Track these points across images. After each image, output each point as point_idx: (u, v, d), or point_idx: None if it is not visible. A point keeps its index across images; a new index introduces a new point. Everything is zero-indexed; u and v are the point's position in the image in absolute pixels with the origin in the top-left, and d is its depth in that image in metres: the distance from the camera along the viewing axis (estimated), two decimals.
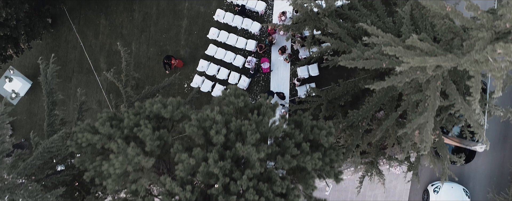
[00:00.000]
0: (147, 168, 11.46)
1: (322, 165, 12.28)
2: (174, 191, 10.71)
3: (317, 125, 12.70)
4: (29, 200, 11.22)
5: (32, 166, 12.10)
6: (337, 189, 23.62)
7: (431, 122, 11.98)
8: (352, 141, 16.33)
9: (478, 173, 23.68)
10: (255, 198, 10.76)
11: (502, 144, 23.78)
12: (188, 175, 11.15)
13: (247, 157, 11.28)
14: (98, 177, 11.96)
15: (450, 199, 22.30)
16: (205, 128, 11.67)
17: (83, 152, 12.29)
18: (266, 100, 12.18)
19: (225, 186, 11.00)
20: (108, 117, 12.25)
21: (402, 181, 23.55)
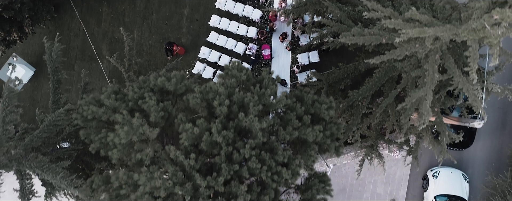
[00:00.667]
0: (152, 139, 11.68)
1: (322, 138, 12.51)
2: (178, 160, 10.93)
3: (318, 100, 12.93)
4: (36, 170, 11.43)
5: (38, 139, 12.32)
6: (337, 175, 23.85)
7: (430, 95, 12.21)
8: (353, 121, 16.55)
9: (476, 159, 23.92)
10: (257, 166, 10.98)
11: (500, 130, 24.03)
12: (192, 144, 11.37)
13: (249, 127, 11.49)
14: (103, 148, 12.18)
15: (449, 183, 22.51)
16: (208, 100, 11.89)
17: (88, 125, 12.50)
18: (268, 74, 12.40)
19: (228, 155, 11.22)
20: (113, 90, 12.49)
21: (402, 167, 23.79)
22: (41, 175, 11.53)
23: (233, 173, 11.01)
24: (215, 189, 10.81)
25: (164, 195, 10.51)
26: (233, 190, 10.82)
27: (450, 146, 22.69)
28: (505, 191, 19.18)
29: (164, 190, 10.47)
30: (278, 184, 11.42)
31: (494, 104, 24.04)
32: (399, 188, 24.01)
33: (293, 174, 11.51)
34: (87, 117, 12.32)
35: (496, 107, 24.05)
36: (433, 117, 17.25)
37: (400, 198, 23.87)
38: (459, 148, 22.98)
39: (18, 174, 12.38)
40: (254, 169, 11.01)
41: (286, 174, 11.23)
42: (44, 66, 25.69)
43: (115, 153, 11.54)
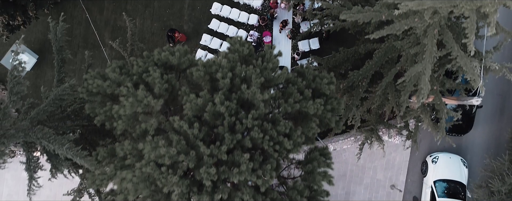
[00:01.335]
0: (156, 111, 11.91)
1: (323, 112, 12.74)
2: (182, 130, 11.15)
3: (319, 75, 13.17)
4: (42, 141, 11.65)
5: (44, 112, 12.54)
6: (338, 161, 24.05)
7: (429, 69, 12.45)
8: (353, 101, 16.79)
9: (475, 145, 24.17)
10: (259, 136, 11.21)
11: (499, 116, 24.29)
12: (195, 116, 11.60)
13: (251, 100, 11.73)
14: (108, 121, 12.40)
15: (448, 169, 22.75)
16: (211, 73, 12.13)
17: (93, 99, 12.72)
18: (270, 49, 12.63)
19: (231, 126, 11.44)
20: (118, 65, 12.71)
21: (401, 153, 24.04)
22: (47, 146, 11.74)
23: (236, 142, 11.24)
24: (218, 157, 11.03)
25: (168, 163, 10.73)
26: (236, 158, 11.05)
27: (449, 132, 22.92)
28: (503, 173, 19.41)
29: (168, 157, 10.69)
30: (279, 154, 11.65)
31: (493, 91, 24.29)
32: (399, 174, 24.26)
33: (294, 145, 11.74)
34: (92, 90, 12.55)
35: (495, 94, 24.31)
36: (432, 97, 17.51)
37: (400, 184, 24.12)
38: (458, 134, 23.23)
39: (24, 146, 12.58)
40: (257, 139, 11.23)
41: (287, 144, 11.45)
42: (47, 54, 25.96)
43: (119, 124, 11.77)
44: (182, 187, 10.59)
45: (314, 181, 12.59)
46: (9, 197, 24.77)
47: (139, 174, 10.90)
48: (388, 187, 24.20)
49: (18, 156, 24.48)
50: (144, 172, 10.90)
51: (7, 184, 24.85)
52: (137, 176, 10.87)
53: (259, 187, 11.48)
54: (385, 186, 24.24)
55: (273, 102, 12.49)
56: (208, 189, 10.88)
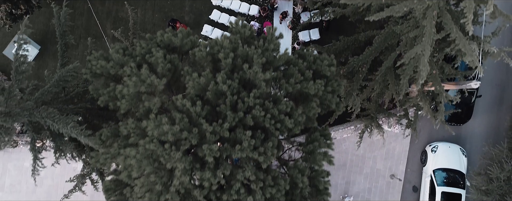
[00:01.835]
0: (159, 91, 12.08)
1: (324, 93, 12.92)
2: (185, 108, 11.31)
3: (319, 57, 13.35)
4: (47, 120, 11.80)
5: (49, 93, 12.70)
6: (338, 151, 24.20)
7: (428, 50, 12.62)
8: (353, 86, 16.96)
9: (474, 135, 24.33)
10: (261, 114, 11.37)
11: (498, 106, 24.46)
12: (198, 95, 11.76)
13: (253, 79, 11.90)
14: (112, 102, 12.56)
15: (447, 158, 22.90)
16: (214, 54, 12.30)
17: (97, 80, 12.89)
18: (271, 30, 12.79)
19: (233, 105, 11.61)
20: (121, 47, 12.88)
21: (401, 143, 24.21)
22: (51, 126, 11.90)
23: (238, 120, 11.40)
24: (221, 135, 11.19)
25: (171, 139, 10.89)
26: (238, 136, 11.20)
27: (448, 121, 23.11)
28: (502, 160, 19.57)
29: (171, 134, 10.85)
30: (281, 133, 11.81)
31: (492, 81, 24.47)
32: (398, 164, 24.41)
33: (295, 124, 11.90)
34: (96, 72, 12.72)
35: (494, 84, 24.49)
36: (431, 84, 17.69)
37: (399, 173, 24.28)
38: (457, 123, 23.40)
39: (28, 126, 12.74)
40: (258, 117, 11.39)
41: (288, 122, 11.62)
42: (49, 44, 26.12)
43: (123, 103, 11.93)
44: (185, 163, 10.74)
45: (315, 161, 12.75)
46: (12, 187, 24.93)
47: (142, 151, 11.05)
48: (388, 177, 24.37)
49: (21, 146, 24.65)
50: (147, 149, 11.05)
51: (10, 174, 25.01)
52: (140, 153, 11.03)
53: (261, 166, 11.65)
54: (385, 176, 24.40)
55: (274, 84, 12.65)
56: (211, 166, 11.04)
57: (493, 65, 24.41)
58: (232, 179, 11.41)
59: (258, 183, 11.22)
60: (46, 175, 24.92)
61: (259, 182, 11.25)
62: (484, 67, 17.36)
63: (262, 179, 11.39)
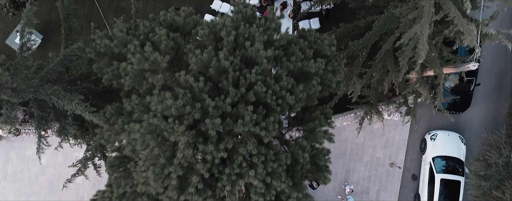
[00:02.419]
0: (162, 69, 12.27)
1: (324, 72, 13.12)
2: (188, 84, 11.50)
3: (320, 37, 13.55)
4: (52, 97, 11.99)
5: (53, 72, 12.90)
6: (338, 139, 24.34)
7: (426, 29, 12.82)
8: (353, 70, 17.16)
9: (473, 123, 24.54)
10: (262, 90, 11.57)
11: (496, 95, 24.68)
12: (201, 72, 11.95)
13: (255, 57, 12.11)
14: (115, 80, 12.75)
15: (446, 145, 23.10)
16: (216, 33, 12.50)
17: (101, 59, 13.08)
18: (272, 10, 12.99)
19: (235, 81, 11.81)
20: (124, 26, 13.08)
21: (401, 131, 24.41)
22: (56, 103, 12.08)
23: (240, 96, 11.60)
24: (223, 110, 11.38)
25: (175, 113, 11.08)
26: (240, 111, 11.40)
27: (447, 110, 23.30)
28: (500, 146, 19.77)
29: (175, 109, 11.04)
30: (282, 110, 12.00)
31: (491, 70, 24.70)
32: (398, 152, 24.62)
33: (296, 101, 12.10)
34: (100, 51, 12.91)
35: (492, 73, 24.71)
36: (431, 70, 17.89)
37: (399, 162, 24.48)
38: (456, 112, 23.61)
39: (34, 103, 12.91)
40: (260, 93, 11.59)
41: (289, 98, 11.81)
42: (52, 34, 26.29)
43: (127, 80, 12.12)
44: (188, 137, 10.93)
45: (315, 139, 12.95)
46: (14, 176, 25.11)
47: (146, 126, 11.24)
48: (388, 165, 24.57)
49: (23, 135, 24.84)
50: (151, 123, 11.24)
51: (12, 163, 25.19)
52: (144, 128, 11.22)
53: (262, 141, 11.85)
54: (385, 164, 24.61)
55: (275, 63, 12.84)
56: (213, 140, 11.23)
57: (492, 54, 24.66)
58: (234, 154, 11.60)
59: (260, 157, 11.42)
60: (49, 163, 25.11)
61: (261, 156, 11.44)
62: (482, 52, 17.58)
63: (264, 154, 11.59)
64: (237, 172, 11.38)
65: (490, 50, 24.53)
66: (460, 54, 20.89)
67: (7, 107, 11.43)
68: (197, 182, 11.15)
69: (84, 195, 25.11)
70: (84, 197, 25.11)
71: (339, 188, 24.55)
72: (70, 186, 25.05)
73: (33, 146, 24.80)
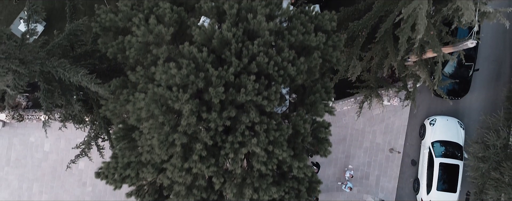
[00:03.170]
0: (166, 41, 12.53)
1: (325, 47, 13.37)
2: (192, 55, 11.75)
3: (321, 13, 13.80)
4: (58, 69, 12.25)
5: (59, 46, 13.16)
6: (338, 125, 24.68)
7: (425, 4, 13.07)
8: (353, 50, 17.42)
9: (472, 109, 24.80)
10: (265, 61, 11.82)
11: (495, 81, 24.95)
12: (204, 44, 12.21)
13: (257, 30, 12.36)
14: (120, 53, 13.00)
15: (445, 130, 23.36)
16: (219, 7, 12.76)
17: (106, 34, 13.33)
18: None
19: (237, 53, 12.06)
20: (129, 1, 13.33)
21: (400, 117, 24.66)
22: (62, 75, 12.33)
23: (243, 67, 11.85)
24: (226, 79, 11.63)
25: (179, 82, 11.33)
26: (243, 81, 11.64)
27: (446, 95, 23.56)
28: (498, 129, 20.01)
29: (179, 78, 11.29)
30: (284, 81, 12.24)
31: (489, 57, 24.97)
32: (397, 138, 24.87)
33: (298, 73, 12.35)
34: (105, 25, 13.16)
35: (491, 60, 24.99)
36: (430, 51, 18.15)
37: (399, 147, 24.73)
38: (455, 97, 23.86)
39: (40, 76, 13.15)
40: (262, 64, 11.84)
41: (291, 69, 12.06)
42: (54, 21, 26.54)
43: (132, 52, 12.37)
44: (192, 105, 11.16)
45: (316, 112, 13.19)
46: (17, 162, 25.36)
47: (151, 95, 11.48)
48: (387, 151, 24.82)
49: (26, 121, 25.08)
50: (156, 92, 11.48)
51: (15, 149, 25.44)
52: (149, 97, 11.46)
53: (265, 111, 12.10)
54: (384, 150, 24.86)
55: (277, 36, 13.08)
56: (217, 109, 11.48)
57: (491, 41, 24.94)
58: (237, 123, 11.84)
59: (262, 126, 11.66)
60: (52, 149, 25.38)
61: (263, 125, 11.68)
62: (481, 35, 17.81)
63: (266, 123, 11.83)
64: (239, 141, 11.62)
65: (488, 37, 24.81)
66: (459, 37, 21.17)
67: (14, 77, 11.67)
68: (201, 150, 11.39)
69: (86, 181, 25.37)
70: (87, 182, 25.37)
71: (340, 174, 24.81)
72: (73, 171, 25.45)
73: (37, 132, 25.21)
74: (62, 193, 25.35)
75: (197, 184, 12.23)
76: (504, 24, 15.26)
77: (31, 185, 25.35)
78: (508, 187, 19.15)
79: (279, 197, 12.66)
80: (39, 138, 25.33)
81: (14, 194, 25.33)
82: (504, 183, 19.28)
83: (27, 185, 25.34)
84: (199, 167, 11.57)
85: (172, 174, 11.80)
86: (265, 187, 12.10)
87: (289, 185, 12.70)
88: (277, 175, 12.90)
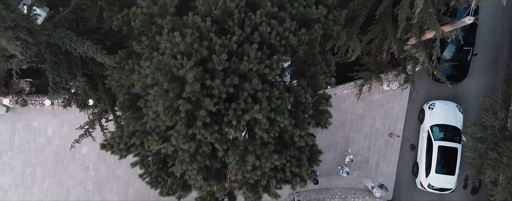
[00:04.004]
0: (171, 13, 12.82)
1: (326, 22, 13.66)
2: (196, 25, 12.04)
3: None
4: (65, 40, 12.54)
5: (66, 20, 13.45)
6: (338, 110, 24.97)
7: None
8: (353, 29, 17.72)
9: (470, 95, 25.11)
10: (267, 30, 12.12)
11: (493, 67, 25.26)
12: (207, 15, 12.50)
13: (259, 2, 12.67)
14: (125, 25, 13.29)
15: (444, 114, 23.64)
16: None
17: (111, 8, 13.62)
18: None
19: (240, 23, 12.36)
20: None
21: (399, 102, 24.96)
22: (69, 46, 12.61)
23: (245, 37, 12.14)
24: (229, 48, 11.92)
25: (183, 50, 11.62)
26: (245, 50, 11.94)
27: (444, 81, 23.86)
28: (496, 110, 20.31)
29: (183, 46, 11.58)
30: (285, 50, 12.54)
31: (488, 42, 25.27)
32: (397, 123, 25.16)
33: (299, 43, 12.65)
34: None
35: (489, 45, 25.29)
36: (429, 32, 18.45)
37: (398, 132, 25.02)
38: (454, 82, 24.17)
39: (47, 49, 13.43)
40: (264, 34, 12.13)
41: (293, 39, 12.36)
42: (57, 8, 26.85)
43: (137, 23, 12.66)
44: (196, 72, 11.45)
45: (317, 84, 13.47)
46: (21, 147, 25.63)
47: (155, 63, 11.77)
48: (387, 135, 25.12)
49: (30, 106, 25.36)
50: (160, 60, 11.78)
51: (19, 134, 25.71)
52: (154, 65, 11.74)
53: (267, 80, 12.39)
54: (384, 134, 25.16)
55: (278, 9, 13.36)
56: (220, 77, 11.76)
57: (489, 27, 25.25)
58: (239, 92, 12.13)
59: (264, 93, 11.94)
60: (54, 134, 25.66)
61: (266, 92, 11.97)
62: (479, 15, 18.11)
63: (268, 91, 12.11)
64: (242, 108, 11.90)
65: (487, 23, 25.13)
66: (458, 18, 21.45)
67: (23, 46, 11.95)
68: (204, 116, 11.67)
69: (89, 166, 25.65)
70: (90, 167, 25.66)
71: (339, 158, 25.09)
72: (76, 156, 25.74)
73: (40, 117, 25.49)
74: (65, 177, 25.63)
75: (201, 151, 12.51)
76: (502, 2, 15.56)
77: (35, 170, 25.64)
78: (506, 167, 19.46)
79: (281, 165, 12.94)
80: (42, 123, 25.62)
81: (18, 179, 25.61)
82: (502, 163, 19.58)
83: (30, 169, 25.62)
84: (203, 133, 11.85)
85: (176, 141, 12.08)
86: (267, 154, 12.38)
87: (291, 153, 12.99)
88: (279, 145, 13.18)
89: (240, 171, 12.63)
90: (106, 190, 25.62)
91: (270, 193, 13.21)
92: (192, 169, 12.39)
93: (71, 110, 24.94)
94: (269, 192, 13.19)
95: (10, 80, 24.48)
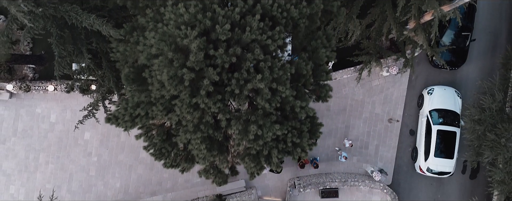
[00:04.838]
0: None
1: None
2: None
3: None
4: (70, 13, 12.82)
5: None
6: (338, 96, 25.24)
7: None
8: (353, 10, 18.01)
9: (469, 80, 25.40)
10: (269, 2, 12.40)
11: (491, 53, 25.56)
12: None
13: None
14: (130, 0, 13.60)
15: (443, 99, 23.94)
16: None
17: None
18: None
19: None
20: None
21: (399, 88, 25.25)
22: (75, 19, 12.88)
23: (248, 8, 12.43)
24: (232, 19, 12.21)
25: (187, 20, 11.91)
26: (248, 21, 12.22)
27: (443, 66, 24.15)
28: (494, 92, 20.60)
29: (187, 16, 11.87)
30: (287, 22, 12.81)
31: (486, 29, 25.57)
32: (396, 108, 25.45)
33: (300, 16, 12.93)
34: None
35: (487, 32, 25.59)
36: (429, 14, 18.73)
37: (397, 117, 25.30)
38: (452, 67, 24.46)
39: (53, 23, 13.70)
40: (266, 6, 12.42)
41: (294, 12, 12.65)
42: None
43: None
44: (200, 42, 11.72)
45: (318, 57, 13.75)
46: (24, 133, 25.90)
47: (160, 34, 12.05)
48: (386, 121, 25.40)
49: (33, 92, 25.63)
50: (165, 31, 12.06)
51: (22, 120, 25.98)
52: (159, 35, 12.03)
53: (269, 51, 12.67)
54: (383, 120, 25.44)
55: None
56: (223, 47, 12.05)
57: (487, 14, 25.55)
58: (242, 62, 12.41)
59: (266, 63, 12.23)
60: (58, 120, 25.93)
61: (268, 62, 12.25)
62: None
63: (270, 61, 12.39)
64: (245, 78, 12.17)
65: (485, 10, 25.43)
66: None
67: (30, 17, 12.22)
68: (208, 86, 11.94)
69: (92, 151, 25.92)
70: (92, 152, 25.92)
71: (339, 144, 25.36)
72: (79, 142, 26.01)
73: (43, 103, 25.77)
74: (68, 163, 25.90)
75: (204, 121, 12.78)
76: None
77: (38, 155, 25.90)
78: (504, 148, 19.74)
79: (282, 136, 13.22)
80: (45, 109, 25.88)
81: (21, 164, 25.88)
82: (499, 144, 19.86)
83: (33, 155, 25.88)
84: (206, 103, 12.12)
85: (180, 111, 12.35)
86: (269, 125, 12.65)
87: (292, 124, 13.26)
88: (280, 117, 13.45)
89: (243, 141, 12.90)
90: (109, 175, 25.89)
91: (272, 164, 13.49)
92: (195, 138, 12.66)
93: (74, 96, 25.24)
94: (271, 162, 13.47)
95: (13, 65, 24.76)
